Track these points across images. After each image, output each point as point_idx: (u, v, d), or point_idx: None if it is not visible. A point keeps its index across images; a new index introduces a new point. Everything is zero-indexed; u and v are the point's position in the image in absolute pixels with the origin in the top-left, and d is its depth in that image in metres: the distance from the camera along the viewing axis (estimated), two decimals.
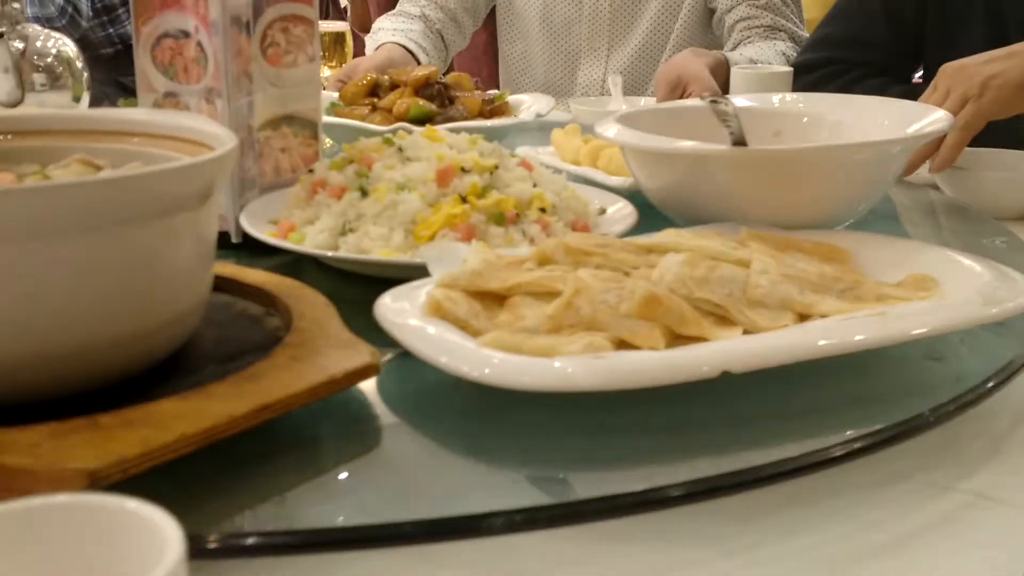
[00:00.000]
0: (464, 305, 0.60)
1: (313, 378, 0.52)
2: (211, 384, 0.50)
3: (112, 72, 2.79)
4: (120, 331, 0.51)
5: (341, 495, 0.50)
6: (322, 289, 0.64)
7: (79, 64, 1.52)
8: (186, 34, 0.83)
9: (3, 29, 1.41)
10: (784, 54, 1.54)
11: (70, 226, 0.48)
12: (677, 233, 0.69)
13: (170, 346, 0.55)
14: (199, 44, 0.83)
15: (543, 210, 0.76)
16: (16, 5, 1.45)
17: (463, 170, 0.77)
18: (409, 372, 0.60)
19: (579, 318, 0.58)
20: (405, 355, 0.57)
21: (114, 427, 0.46)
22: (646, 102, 1.48)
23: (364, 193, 0.77)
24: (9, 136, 0.65)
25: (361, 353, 0.55)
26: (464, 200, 0.75)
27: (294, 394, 0.50)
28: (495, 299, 0.63)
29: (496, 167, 0.78)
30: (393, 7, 1.80)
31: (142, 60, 0.86)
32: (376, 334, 0.58)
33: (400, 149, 0.80)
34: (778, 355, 0.55)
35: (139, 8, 0.85)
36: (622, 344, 0.57)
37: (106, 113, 0.67)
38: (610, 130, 0.82)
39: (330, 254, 0.73)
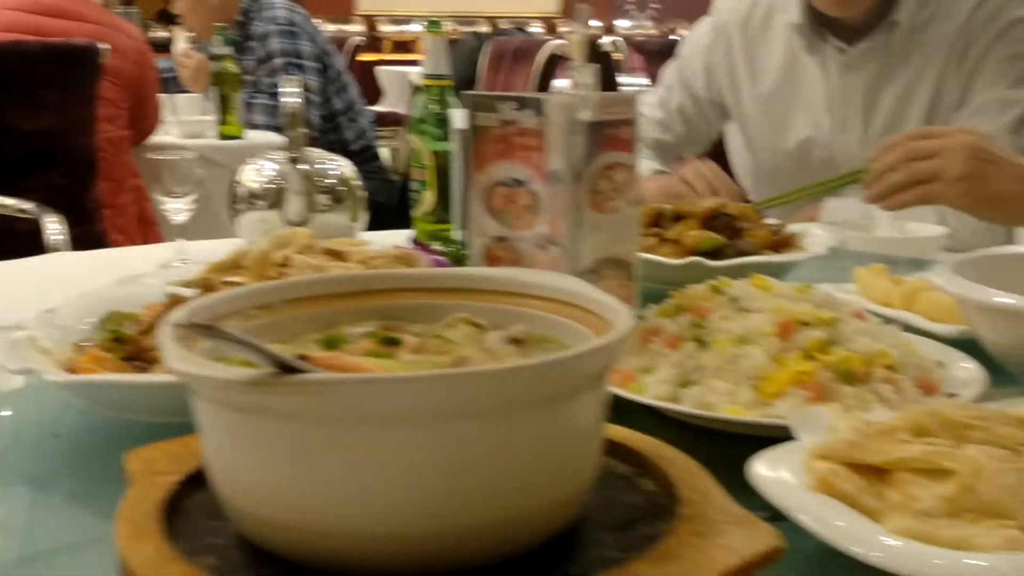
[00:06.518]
0: (850, 480, 0.60)
1: (727, 561, 0.52)
2: (633, 563, 0.51)
3: None
4: (534, 505, 0.53)
5: None
6: None
7: (357, 183, 1.61)
8: (520, 182, 0.87)
9: (295, 155, 1.52)
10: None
11: (504, 406, 0.50)
12: None
13: (573, 516, 0.56)
14: (533, 193, 0.87)
15: (889, 366, 0.75)
16: (304, 131, 1.57)
17: (803, 323, 0.77)
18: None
19: (978, 502, 0.56)
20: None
21: None
22: (917, 228, 1.44)
23: (701, 344, 0.78)
24: (395, 293, 0.69)
25: (763, 532, 0.54)
26: (810, 356, 0.74)
27: None
28: (870, 470, 0.62)
29: (835, 319, 0.78)
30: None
31: (475, 206, 0.90)
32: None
33: (734, 299, 0.81)
34: None
35: (474, 159, 0.90)
36: None
37: (487, 272, 0.70)
38: (947, 281, 0.80)
39: (688, 410, 0.73)
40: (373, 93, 6.29)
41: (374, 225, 1.68)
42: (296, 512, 0.51)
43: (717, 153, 1.95)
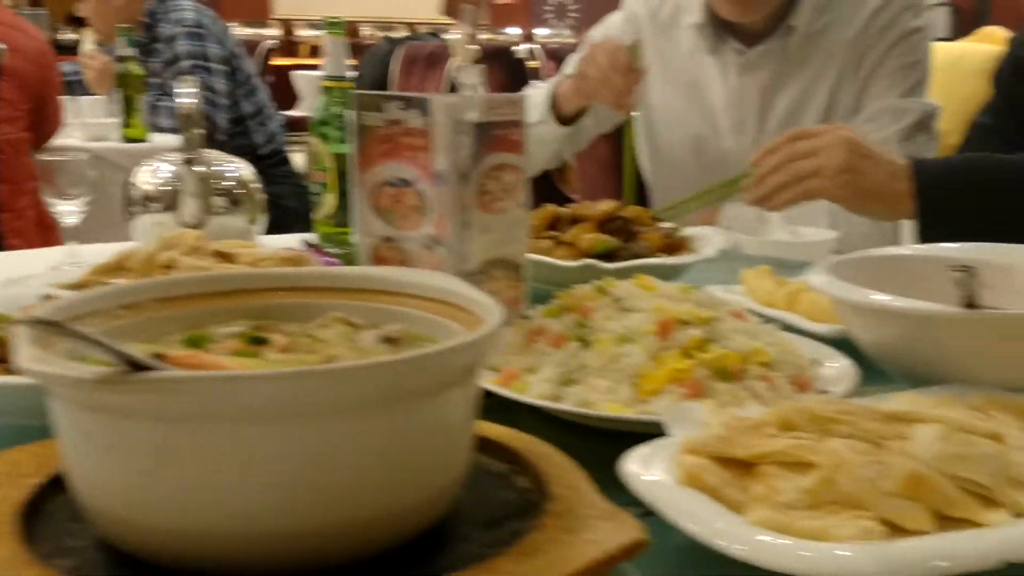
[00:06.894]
0: (716, 474, 0.61)
1: (591, 554, 0.52)
2: (497, 559, 0.51)
3: None
4: (398, 502, 0.53)
5: None
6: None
7: (255, 186, 1.59)
8: (406, 182, 0.87)
9: (191, 156, 1.50)
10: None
11: (361, 404, 0.50)
12: (914, 400, 0.69)
13: (441, 513, 0.56)
14: (419, 193, 0.86)
15: (765, 364, 0.76)
16: (200, 132, 1.54)
17: (682, 322, 0.78)
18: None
19: (838, 494, 0.58)
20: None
21: None
22: (810, 232, 1.48)
23: (584, 343, 0.78)
24: (268, 292, 0.68)
25: (628, 526, 0.55)
26: (688, 354, 0.75)
27: (577, 571, 0.51)
28: (738, 463, 0.63)
29: (714, 318, 0.79)
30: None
31: (362, 206, 0.90)
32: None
33: (617, 299, 0.82)
34: None
35: (361, 158, 0.89)
36: (886, 524, 0.56)
37: (362, 271, 0.69)
38: (823, 282, 0.82)
39: (567, 408, 0.74)
40: (289, 97, 6.22)
41: (284, 229, 1.65)
42: (151, 512, 0.50)
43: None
